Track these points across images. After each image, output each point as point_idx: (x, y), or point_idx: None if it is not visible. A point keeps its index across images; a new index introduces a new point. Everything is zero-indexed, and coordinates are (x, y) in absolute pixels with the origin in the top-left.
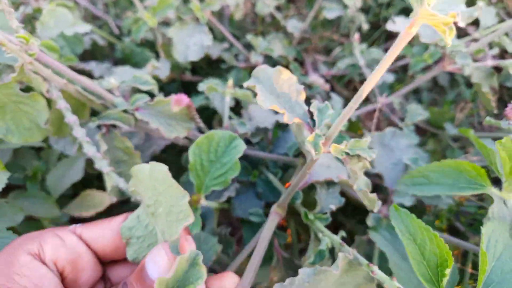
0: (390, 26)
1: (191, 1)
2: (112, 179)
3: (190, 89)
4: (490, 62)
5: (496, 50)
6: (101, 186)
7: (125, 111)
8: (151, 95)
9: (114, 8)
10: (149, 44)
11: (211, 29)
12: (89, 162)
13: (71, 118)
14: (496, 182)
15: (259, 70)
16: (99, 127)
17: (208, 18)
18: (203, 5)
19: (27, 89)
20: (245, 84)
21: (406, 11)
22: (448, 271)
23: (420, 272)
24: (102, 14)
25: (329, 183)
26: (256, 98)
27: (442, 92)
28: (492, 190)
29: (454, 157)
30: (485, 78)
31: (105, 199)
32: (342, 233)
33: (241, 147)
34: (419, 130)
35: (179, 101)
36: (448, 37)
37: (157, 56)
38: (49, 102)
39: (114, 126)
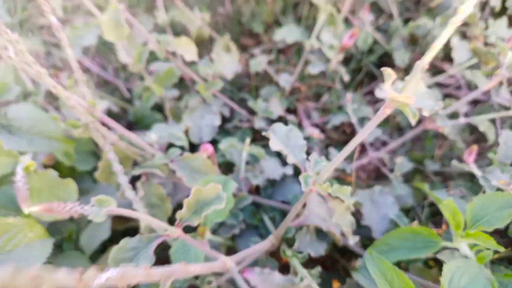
0: (378, 93)
1: (197, 82)
2: (145, 220)
3: None
4: (463, 120)
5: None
6: None
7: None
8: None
9: (124, 72)
10: (158, 107)
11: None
12: (115, 221)
13: (117, 167)
14: None
15: (276, 126)
16: (138, 176)
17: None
18: (208, 85)
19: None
20: (264, 133)
21: (386, 55)
22: None
23: None
24: (113, 79)
25: (319, 231)
26: (269, 142)
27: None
28: (445, 244)
29: (436, 190)
30: (459, 133)
31: None
32: (318, 268)
33: (233, 186)
34: None
35: (206, 149)
36: (412, 119)
37: (166, 119)
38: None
39: (151, 174)
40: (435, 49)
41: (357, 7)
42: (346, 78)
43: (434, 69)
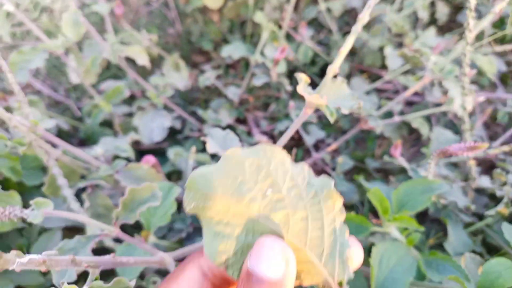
0: (299, 90)
1: (148, 90)
2: (91, 228)
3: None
4: (397, 119)
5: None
6: None
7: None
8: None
9: (74, 92)
10: (107, 124)
11: (165, 107)
12: (65, 233)
13: (62, 181)
14: None
15: (213, 130)
16: (84, 188)
17: (163, 102)
18: (159, 93)
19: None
20: (202, 138)
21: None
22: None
23: None
24: (64, 99)
25: None
26: (206, 145)
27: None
28: (375, 229)
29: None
30: (395, 131)
31: None
32: None
33: (177, 191)
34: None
35: (148, 161)
36: (331, 117)
37: (115, 134)
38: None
39: (97, 186)
40: (342, 54)
41: (299, 23)
42: (289, 88)
43: (374, 76)
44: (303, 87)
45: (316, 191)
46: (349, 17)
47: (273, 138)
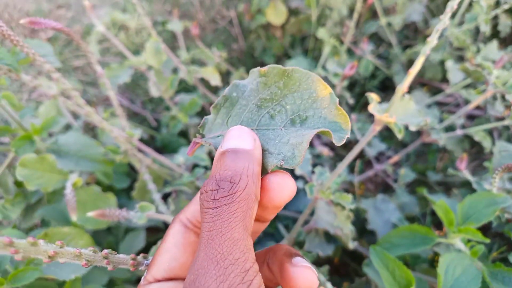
0: (370, 109)
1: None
2: None
3: None
4: (460, 132)
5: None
6: None
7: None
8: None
9: (150, 103)
10: (182, 133)
11: None
12: (148, 233)
13: (152, 186)
14: None
15: None
16: (169, 193)
17: None
18: None
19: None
20: None
21: (388, 79)
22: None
23: None
24: (141, 111)
25: (327, 235)
26: None
27: (427, 144)
28: (440, 240)
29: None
30: (457, 144)
31: None
32: (326, 267)
33: None
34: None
35: None
36: (398, 134)
37: (189, 143)
38: (136, 175)
39: (180, 191)
40: (411, 74)
41: (359, 38)
42: (351, 101)
43: (434, 89)
44: (374, 106)
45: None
46: (408, 30)
47: (333, 149)
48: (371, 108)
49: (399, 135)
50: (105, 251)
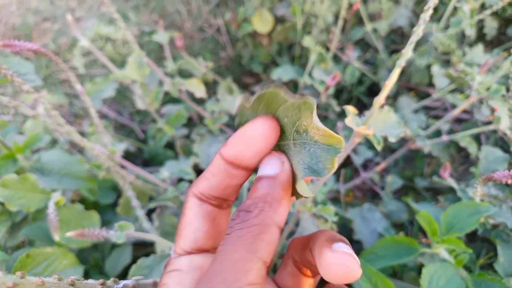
0: (347, 122)
1: (205, 118)
2: (161, 246)
3: None
4: (445, 138)
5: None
6: None
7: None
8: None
9: (137, 115)
10: (169, 145)
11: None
12: (135, 248)
13: (135, 203)
14: None
15: None
16: (153, 209)
17: (220, 127)
18: (215, 119)
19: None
20: None
21: (375, 85)
22: None
23: None
24: (128, 122)
25: None
26: None
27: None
28: (424, 250)
29: (424, 204)
30: (443, 150)
31: None
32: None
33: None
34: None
35: None
36: (377, 146)
37: (177, 155)
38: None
39: (165, 206)
40: (388, 86)
41: (345, 44)
42: (337, 109)
43: (422, 94)
44: (351, 119)
45: None
46: (395, 35)
47: None
48: (348, 121)
49: (378, 147)
50: (71, 277)
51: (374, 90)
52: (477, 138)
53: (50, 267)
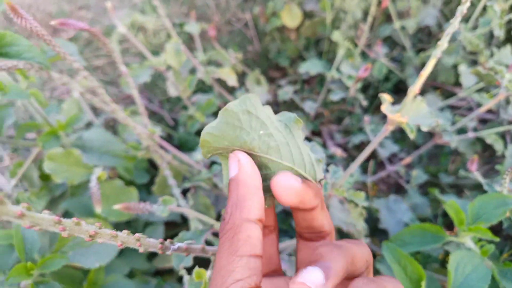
0: (383, 109)
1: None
2: (195, 223)
3: None
4: (471, 134)
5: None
6: None
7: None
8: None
9: (167, 103)
10: (199, 132)
11: None
12: (166, 228)
13: (172, 181)
14: None
15: None
16: (187, 189)
17: None
18: None
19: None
20: None
21: (401, 82)
22: (423, 283)
23: (405, 285)
24: (159, 110)
25: (340, 232)
26: None
27: (439, 146)
28: (451, 238)
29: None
30: (469, 146)
31: None
32: None
33: None
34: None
35: None
36: (410, 134)
37: None
38: (156, 171)
39: (199, 187)
40: (423, 76)
41: (373, 41)
42: (365, 103)
43: (447, 93)
44: (386, 106)
45: (286, 123)
46: (422, 34)
47: (347, 150)
48: (384, 108)
49: (411, 135)
50: (137, 234)
51: (400, 87)
52: (502, 138)
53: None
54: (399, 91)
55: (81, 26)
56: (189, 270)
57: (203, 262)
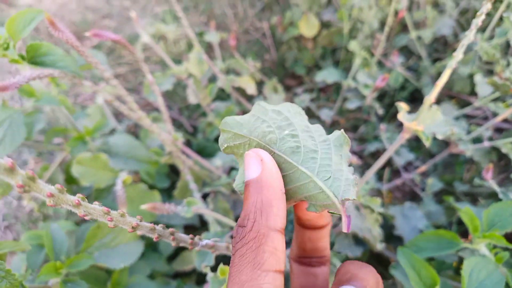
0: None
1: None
2: (214, 226)
3: None
4: (487, 144)
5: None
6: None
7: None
8: None
9: (186, 110)
10: (217, 139)
11: None
12: (186, 231)
13: (193, 186)
14: None
15: None
16: (207, 194)
17: None
18: None
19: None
20: None
21: (417, 91)
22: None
23: None
24: (178, 117)
25: (356, 238)
26: None
27: (454, 155)
28: (465, 245)
29: (467, 205)
30: (484, 155)
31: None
32: None
33: None
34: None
35: None
36: (426, 142)
37: None
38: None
39: (218, 192)
40: (438, 86)
41: (389, 50)
42: (380, 112)
43: (463, 102)
44: (403, 114)
45: (330, 139)
46: (438, 44)
47: (362, 158)
48: (400, 116)
49: (427, 143)
50: (171, 229)
51: (416, 96)
52: None
53: (116, 238)
54: (415, 100)
55: (113, 37)
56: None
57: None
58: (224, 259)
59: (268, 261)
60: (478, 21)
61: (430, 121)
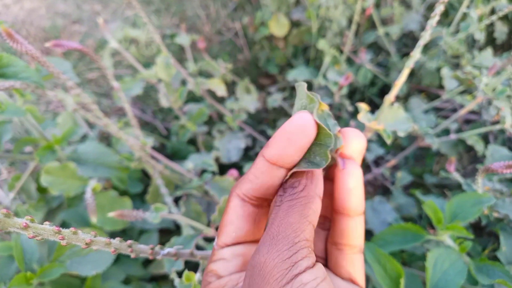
0: (359, 118)
1: (225, 115)
2: (187, 230)
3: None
4: (453, 136)
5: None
6: None
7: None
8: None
9: (160, 113)
10: (191, 141)
11: (240, 127)
12: (161, 234)
13: (164, 190)
14: None
15: None
16: (179, 197)
17: (239, 124)
18: (234, 117)
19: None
20: None
21: (387, 87)
22: (402, 280)
23: (385, 283)
24: (151, 120)
25: None
26: None
27: (425, 148)
28: (430, 237)
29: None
30: (451, 148)
31: None
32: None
33: None
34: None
35: (232, 174)
36: (388, 140)
37: (198, 150)
38: (149, 180)
39: (190, 195)
40: (397, 86)
41: (359, 47)
42: (351, 108)
43: (432, 95)
44: (363, 115)
45: None
46: (407, 39)
47: None
48: (361, 117)
49: (388, 141)
50: (129, 241)
51: (386, 91)
52: (485, 138)
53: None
54: (385, 95)
55: (73, 46)
56: (181, 274)
57: (194, 266)
58: (195, 264)
59: (311, 216)
60: (433, 22)
61: (392, 119)
